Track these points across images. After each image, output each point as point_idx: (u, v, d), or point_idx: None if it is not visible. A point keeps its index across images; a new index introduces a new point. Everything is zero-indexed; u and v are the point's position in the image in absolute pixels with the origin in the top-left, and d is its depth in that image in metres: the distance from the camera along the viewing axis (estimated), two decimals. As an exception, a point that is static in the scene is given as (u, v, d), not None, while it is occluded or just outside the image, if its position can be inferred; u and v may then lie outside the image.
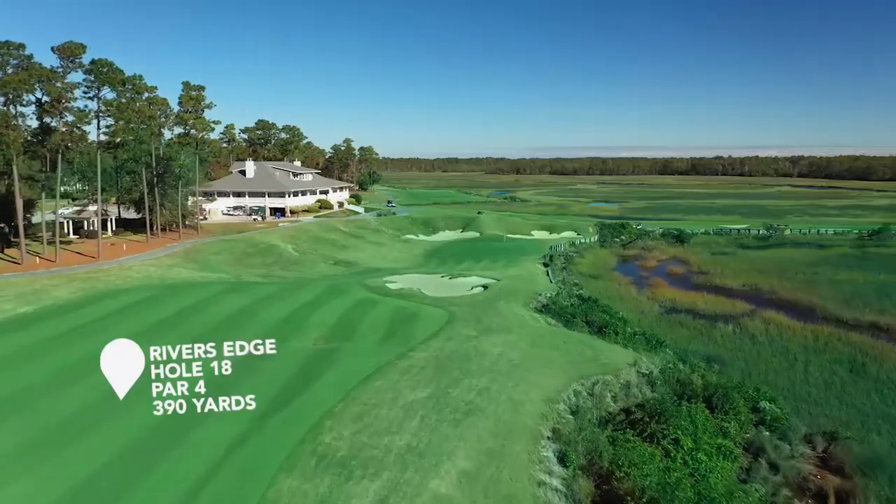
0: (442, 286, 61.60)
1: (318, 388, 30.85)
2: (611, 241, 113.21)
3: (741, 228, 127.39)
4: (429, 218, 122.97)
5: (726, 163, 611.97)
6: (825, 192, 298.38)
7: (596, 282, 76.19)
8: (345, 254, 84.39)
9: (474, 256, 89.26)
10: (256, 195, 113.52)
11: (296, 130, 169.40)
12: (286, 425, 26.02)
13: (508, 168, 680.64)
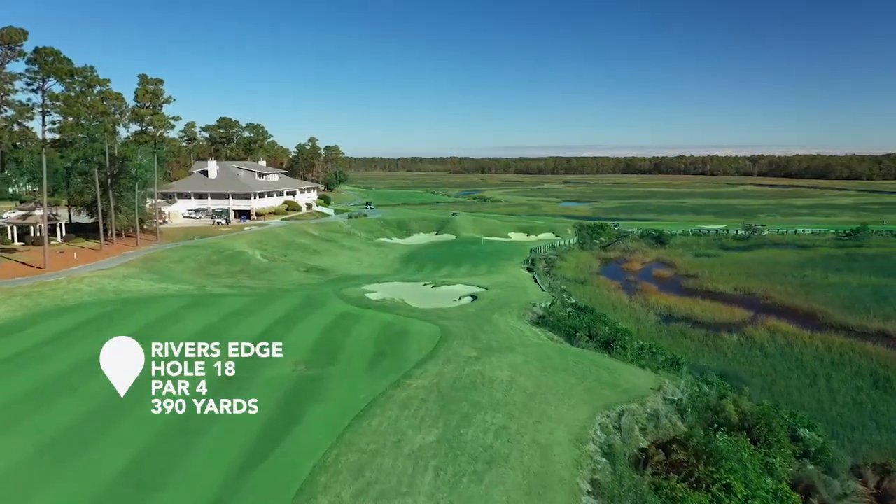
0: (427, 296, 57.08)
1: (303, 429, 26.12)
2: (590, 242, 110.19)
3: (719, 229, 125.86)
4: (402, 220, 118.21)
5: (688, 162, 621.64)
6: (788, 190, 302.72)
7: (583, 287, 72.66)
8: (317, 260, 79.20)
9: (453, 261, 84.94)
10: (220, 197, 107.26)
11: (260, 129, 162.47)
12: (269, 486, 21.23)
13: (473, 167, 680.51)
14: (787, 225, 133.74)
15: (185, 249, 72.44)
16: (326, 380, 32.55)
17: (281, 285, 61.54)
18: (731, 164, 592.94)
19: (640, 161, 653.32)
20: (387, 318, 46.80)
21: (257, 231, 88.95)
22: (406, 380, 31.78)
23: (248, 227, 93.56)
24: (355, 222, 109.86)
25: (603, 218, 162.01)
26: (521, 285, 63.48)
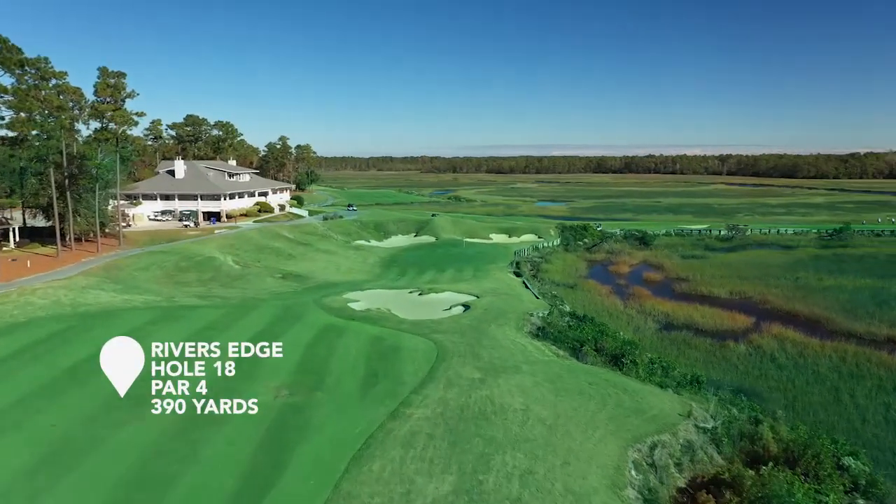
0: (415, 305, 53.21)
1: (292, 475, 22.18)
2: (574, 244, 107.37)
3: (702, 229, 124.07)
4: (379, 221, 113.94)
5: (658, 161, 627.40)
6: (760, 189, 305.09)
7: (574, 292, 69.54)
8: (293, 265, 74.67)
9: (436, 265, 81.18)
10: (188, 198, 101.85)
11: (229, 127, 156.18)
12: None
13: (444, 167, 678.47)
14: (768, 224, 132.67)
15: (150, 255, 67.33)
16: (314, 409, 28.64)
17: (255, 294, 57.10)
18: (700, 163, 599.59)
19: (610, 160, 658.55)
20: (374, 331, 42.91)
21: (228, 234, 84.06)
22: (406, 408, 28.01)
23: (219, 231, 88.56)
24: (331, 224, 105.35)
25: (581, 218, 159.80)
26: (514, 292, 59.96)
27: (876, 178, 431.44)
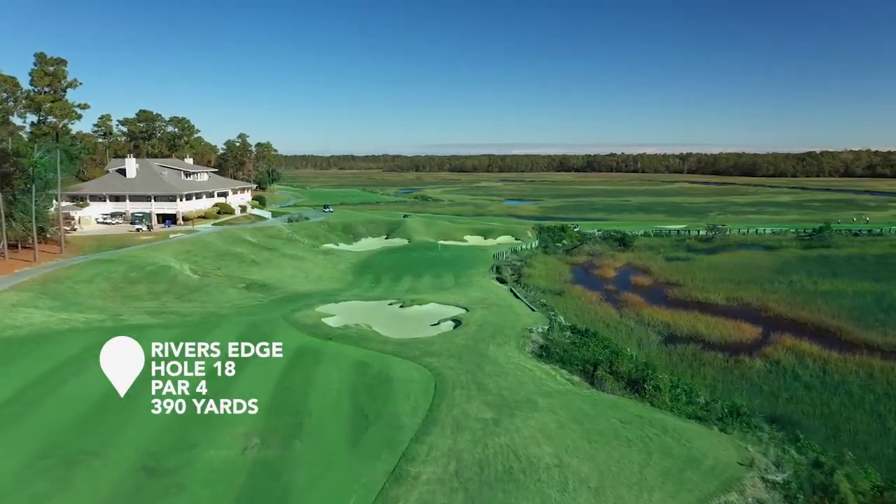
0: (399, 320, 47.59)
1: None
2: (553, 246, 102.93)
3: (680, 229, 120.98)
4: (347, 223, 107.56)
5: (620, 160, 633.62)
6: (724, 188, 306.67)
7: (563, 300, 64.80)
8: (258, 273, 68.13)
9: (413, 271, 75.61)
10: (140, 199, 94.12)
11: (185, 123, 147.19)
12: None
13: (407, 165, 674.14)
14: (745, 224, 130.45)
15: (96, 265, 60.06)
16: (293, 467, 23.04)
17: (217, 308, 50.71)
18: (661, 161, 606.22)
19: (573, 159, 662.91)
20: (357, 354, 37.30)
21: (185, 239, 76.93)
22: (409, 465, 22.60)
23: (175, 235, 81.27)
24: (297, 227, 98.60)
25: (552, 218, 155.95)
26: (504, 303, 54.79)
27: (832, 176, 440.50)
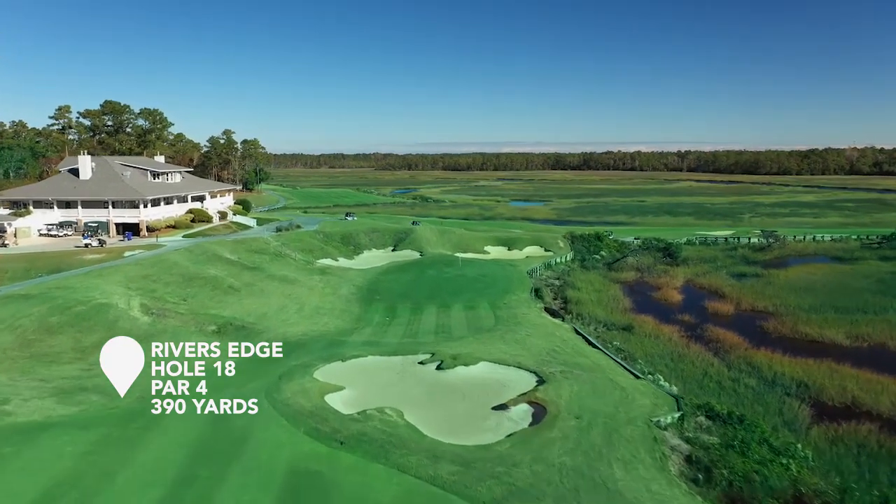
0: (440, 400, 31.54)
1: None
2: (590, 258, 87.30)
3: (728, 237, 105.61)
4: (346, 232, 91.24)
5: (617, 157, 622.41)
6: (735, 187, 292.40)
7: (636, 340, 49.39)
8: (236, 305, 51.92)
9: (435, 296, 59.84)
10: (95, 205, 77.69)
11: (158, 115, 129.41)
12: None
13: (399, 164, 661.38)
14: (791, 229, 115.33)
15: (3, 303, 43.35)
16: None
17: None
18: (660, 159, 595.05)
19: (569, 157, 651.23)
20: (390, 487, 21.46)
21: (143, 259, 60.34)
22: None
23: (131, 252, 64.59)
24: (286, 238, 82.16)
25: (570, 222, 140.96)
26: (586, 360, 38.78)
27: (837, 173, 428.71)
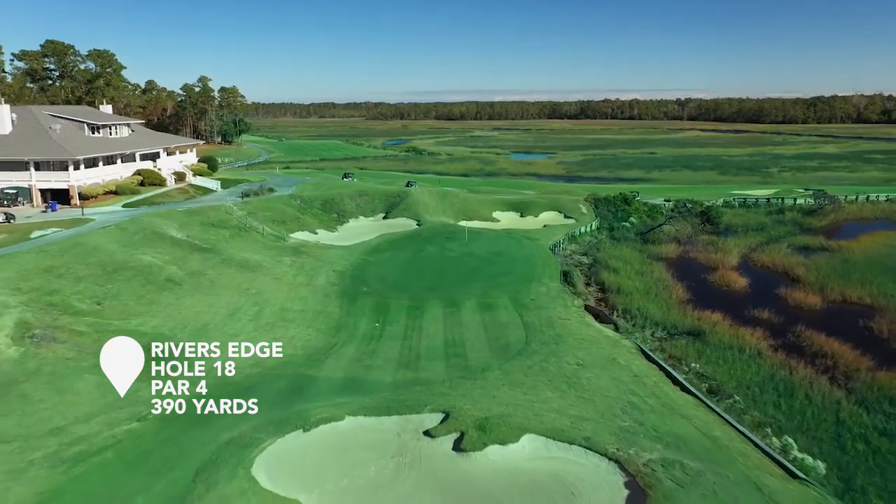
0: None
1: None
2: (619, 227, 73.35)
3: (770, 198, 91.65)
4: (329, 197, 76.49)
5: (615, 106, 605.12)
6: (745, 137, 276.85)
7: (717, 356, 36.10)
8: (167, 310, 37.92)
9: (440, 287, 46.16)
10: (12, 167, 62.79)
11: (108, 57, 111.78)
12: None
13: (390, 113, 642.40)
14: (836, 187, 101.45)
15: None
16: None
17: (7, 482, 20.78)
18: (659, 108, 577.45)
19: (565, 106, 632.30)
20: None
21: (54, 241, 45.82)
22: None
23: (44, 233, 49.99)
24: (255, 205, 67.45)
25: (581, 178, 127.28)
26: (679, 422, 25.12)
27: (844, 122, 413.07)
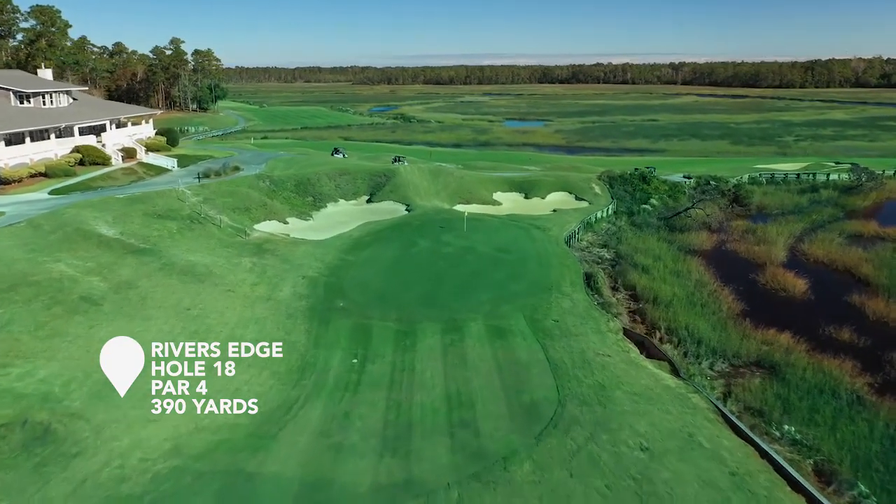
0: None
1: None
2: (639, 211, 63.73)
3: (800, 173, 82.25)
4: (304, 177, 66.08)
5: (607, 70, 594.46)
6: (745, 102, 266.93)
7: (807, 415, 27.05)
8: (69, 349, 27.61)
9: (436, 301, 36.50)
10: (-81, 145, 52.02)
11: (51, 14, 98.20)
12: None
13: (378, 77, 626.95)
14: (862, 159, 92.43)
15: None
16: None
17: None
18: (652, 71, 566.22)
19: (556, 70, 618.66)
20: None
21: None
22: None
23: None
24: (214, 188, 56.91)
25: (583, 149, 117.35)
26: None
27: (843, 86, 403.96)
